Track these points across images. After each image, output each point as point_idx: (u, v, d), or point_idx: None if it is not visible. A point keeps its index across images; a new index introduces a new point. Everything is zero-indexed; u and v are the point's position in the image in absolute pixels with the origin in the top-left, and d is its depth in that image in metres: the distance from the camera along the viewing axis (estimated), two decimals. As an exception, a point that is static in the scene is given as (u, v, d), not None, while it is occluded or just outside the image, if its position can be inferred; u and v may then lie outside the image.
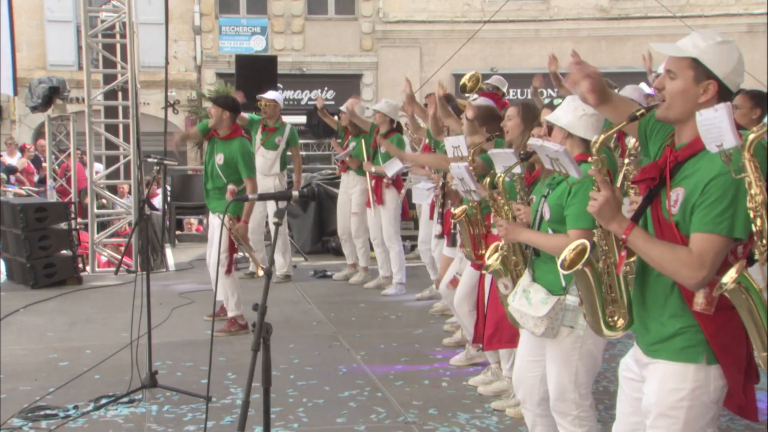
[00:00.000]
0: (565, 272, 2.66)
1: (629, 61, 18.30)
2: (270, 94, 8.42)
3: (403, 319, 7.12)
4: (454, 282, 5.48)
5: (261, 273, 6.26)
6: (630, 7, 20.42)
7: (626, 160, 3.44)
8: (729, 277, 2.18)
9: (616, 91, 6.10)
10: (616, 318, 2.71)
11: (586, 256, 2.63)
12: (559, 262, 2.69)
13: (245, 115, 8.26)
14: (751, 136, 2.22)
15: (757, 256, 2.22)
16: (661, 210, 2.49)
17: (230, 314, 6.55)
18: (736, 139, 2.23)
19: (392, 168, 7.49)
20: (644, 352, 2.58)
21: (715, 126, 2.26)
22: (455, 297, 5.31)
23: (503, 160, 3.82)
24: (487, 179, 3.75)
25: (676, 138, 2.54)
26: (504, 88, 8.27)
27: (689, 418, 2.45)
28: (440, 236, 6.42)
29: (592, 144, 2.57)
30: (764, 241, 2.20)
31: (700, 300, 2.37)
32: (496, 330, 4.40)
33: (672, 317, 2.48)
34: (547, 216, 3.35)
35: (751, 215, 2.21)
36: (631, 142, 3.34)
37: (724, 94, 2.42)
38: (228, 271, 6.37)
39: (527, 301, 3.33)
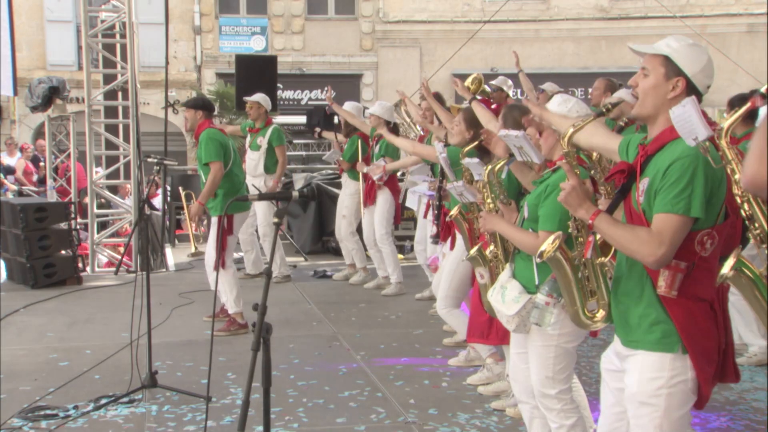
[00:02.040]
0: (539, 260, 2.79)
1: (629, 61, 18.25)
2: (255, 96, 8.41)
3: (403, 319, 7.12)
4: (434, 263, 5.57)
5: (192, 251, 6.31)
6: (630, 7, 20.41)
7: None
8: (728, 266, 2.24)
9: (621, 89, 6.18)
10: (595, 310, 2.82)
11: (558, 242, 2.75)
12: (537, 254, 2.81)
13: (233, 130, 8.38)
14: (726, 124, 2.30)
15: (752, 242, 2.29)
16: (632, 201, 2.60)
17: (230, 311, 6.54)
18: (707, 130, 2.31)
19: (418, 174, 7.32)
20: (623, 344, 2.66)
21: (687, 120, 2.35)
22: (440, 292, 5.38)
23: (475, 168, 4.07)
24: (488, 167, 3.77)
25: (649, 135, 2.64)
26: (508, 88, 8.26)
27: (669, 405, 2.53)
28: (435, 237, 6.43)
29: (562, 137, 2.72)
30: (756, 225, 2.26)
31: (661, 282, 2.48)
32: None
33: (647, 308, 2.56)
34: (525, 214, 3.43)
35: (738, 201, 2.29)
36: (594, 155, 3.40)
37: (692, 92, 2.53)
38: (216, 267, 6.31)
39: (502, 297, 3.41)
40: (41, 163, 13.96)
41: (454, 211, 4.70)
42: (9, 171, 14.08)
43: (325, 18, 20.67)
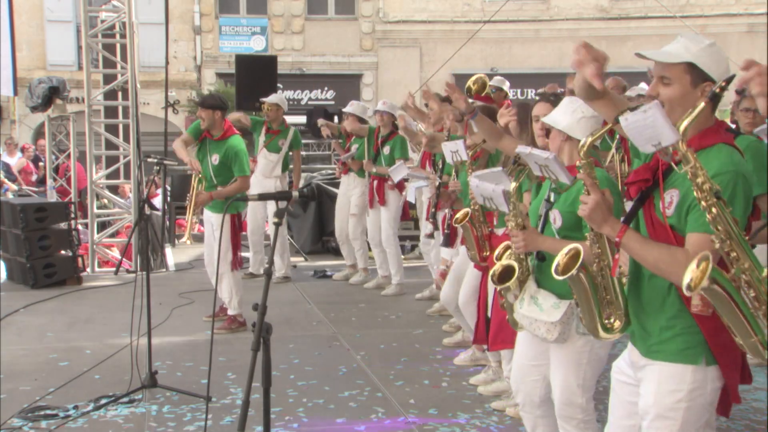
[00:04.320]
0: (560, 277, 2.62)
1: (629, 61, 18.09)
2: (272, 98, 8.44)
3: (403, 319, 7.12)
4: (443, 274, 5.53)
5: (186, 238, 6.26)
6: (630, 7, 20.42)
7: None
8: (692, 273, 2.11)
9: (627, 91, 6.10)
10: (612, 320, 2.69)
11: (580, 260, 2.59)
12: (552, 267, 2.66)
13: (243, 117, 8.31)
14: (682, 127, 2.22)
15: (717, 245, 2.18)
16: (655, 212, 2.49)
17: (231, 313, 6.58)
18: (675, 134, 2.22)
19: (398, 173, 7.38)
20: (642, 353, 2.57)
21: (648, 126, 2.25)
22: (460, 298, 5.29)
23: (492, 178, 3.74)
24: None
25: None
26: (506, 88, 8.27)
27: (686, 419, 2.45)
28: (430, 236, 6.47)
29: (579, 147, 2.54)
30: (720, 228, 2.17)
31: (696, 301, 2.32)
32: (500, 330, 4.38)
33: (671, 319, 2.48)
34: (558, 223, 3.26)
35: (703, 204, 2.19)
36: (608, 157, 3.28)
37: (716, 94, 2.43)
38: (234, 268, 6.40)
39: (538, 307, 3.24)
40: (41, 163, 13.95)
41: (460, 215, 4.64)
42: (10, 176, 14.06)
43: (325, 18, 20.68)
